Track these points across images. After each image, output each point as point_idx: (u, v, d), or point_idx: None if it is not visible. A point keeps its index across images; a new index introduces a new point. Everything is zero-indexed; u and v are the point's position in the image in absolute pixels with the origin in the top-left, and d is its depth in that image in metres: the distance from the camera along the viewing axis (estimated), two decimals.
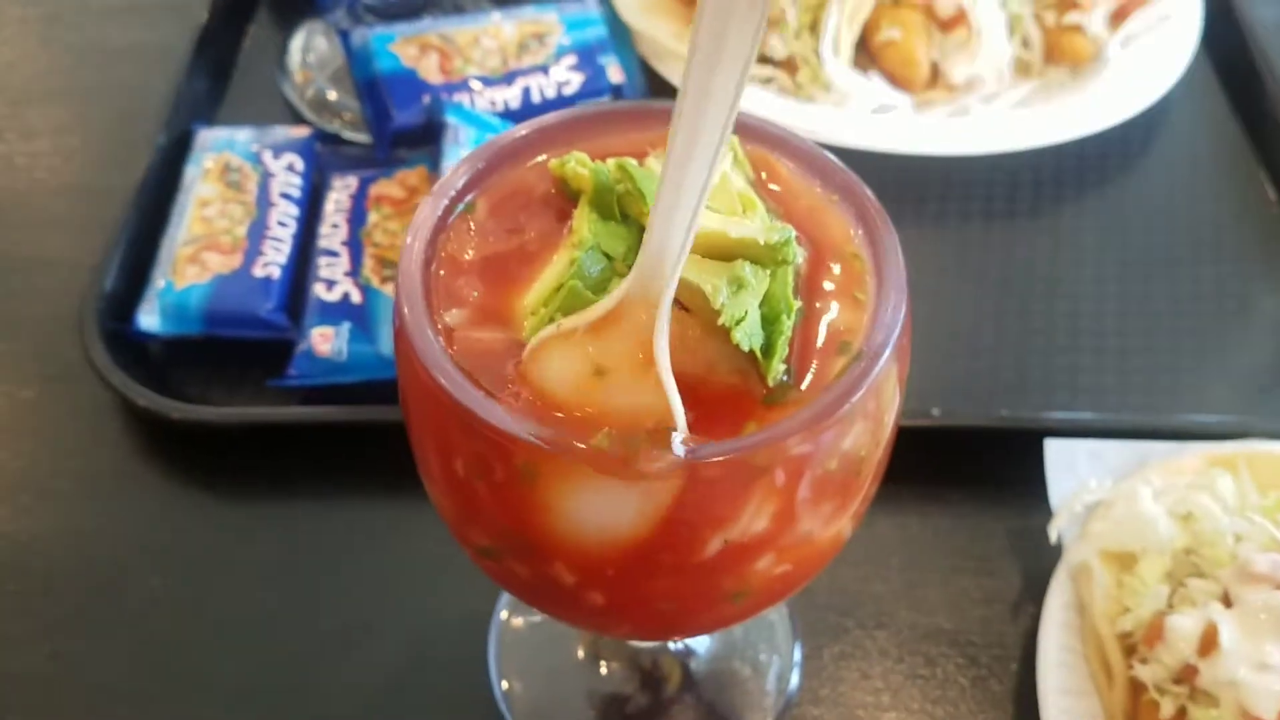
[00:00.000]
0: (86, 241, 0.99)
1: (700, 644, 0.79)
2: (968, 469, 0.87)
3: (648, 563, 0.47)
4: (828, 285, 0.51)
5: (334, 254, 0.96)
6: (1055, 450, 0.83)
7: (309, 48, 1.20)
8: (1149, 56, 1.14)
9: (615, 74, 1.09)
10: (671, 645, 0.78)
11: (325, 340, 0.90)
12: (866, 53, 1.14)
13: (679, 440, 0.44)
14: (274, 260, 0.95)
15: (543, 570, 0.49)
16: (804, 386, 0.48)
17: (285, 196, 1.00)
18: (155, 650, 0.80)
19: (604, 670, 0.79)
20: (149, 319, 0.92)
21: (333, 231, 0.98)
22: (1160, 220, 1.07)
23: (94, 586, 0.83)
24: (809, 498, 0.48)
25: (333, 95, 1.14)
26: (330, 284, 0.94)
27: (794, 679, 0.78)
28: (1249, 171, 1.10)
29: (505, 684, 0.78)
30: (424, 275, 0.51)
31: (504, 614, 0.81)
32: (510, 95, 1.06)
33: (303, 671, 0.79)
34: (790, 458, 0.46)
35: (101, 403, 0.92)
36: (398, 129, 1.03)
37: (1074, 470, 0.82)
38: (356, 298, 0.93)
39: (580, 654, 0.80)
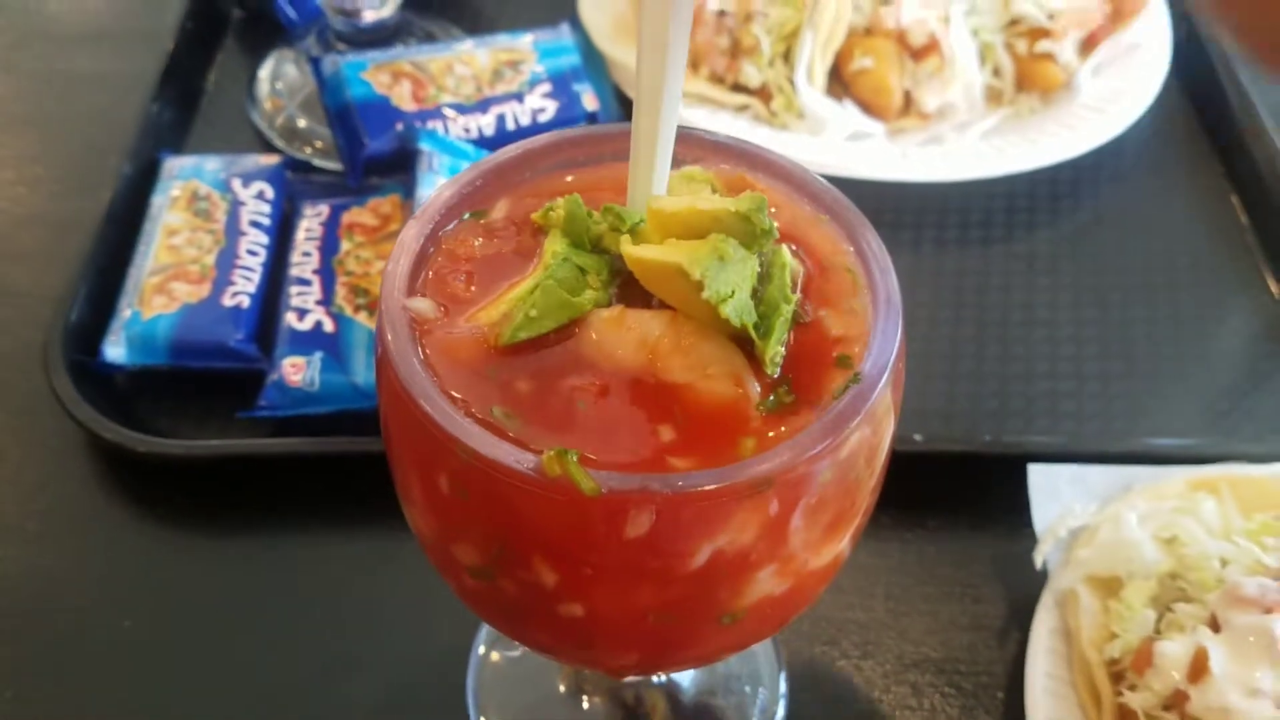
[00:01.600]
0: (51, 273, 0.97)
1: (684, 677, 0.77)
2: (950, 495, 0.86)
3: (635, 572, 0.46)
4: (824, 298, 0.51)
5: (306, 282, 0.94)
6: (1038, 475, 0.82)
7: (278, 76, 1.18)
8: (1119, 84, 1.15)
9: (590, 101, 1.08)
10: (655, 679, 0.76)
11: (297, 370, 0.88)
12: (840, 81, 1.14)
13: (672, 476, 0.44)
14: (243, 289, 0.93)
15: (530, 581, 0.48)
16: (802, 398, 0.47)
17: (255, 225, 0.98)
18: (124, 692, 0.78)
19: (585, 705, 0.77)
20: (115, 350, 0.90)
21: (304, 260, 0.96)
22: (1135, 245, 1.07)
23: (60, 627, 0.81)
24: (804, 518, 0.47)
25: (303, 123, 1.13)
26: (302, 313, 0.92)
27: (779, 712, 0.76)
28: (1221, 196, 1.11)
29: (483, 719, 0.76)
30: (407, 294, 0.50)
31: (482, 649, 0.80)
32: (485, 122, 1.05)
33: (278, 711, 0.77)
34: (788, 480, 0.45)
35: (67, 437, 0.90)
36: (370, 156, 1.02)
37: (1056, 495, 0.82)
38: (329, 327, 0.91)
39: (561, 689, 0.78)
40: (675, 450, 0.46)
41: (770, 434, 0.46)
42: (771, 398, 0.47)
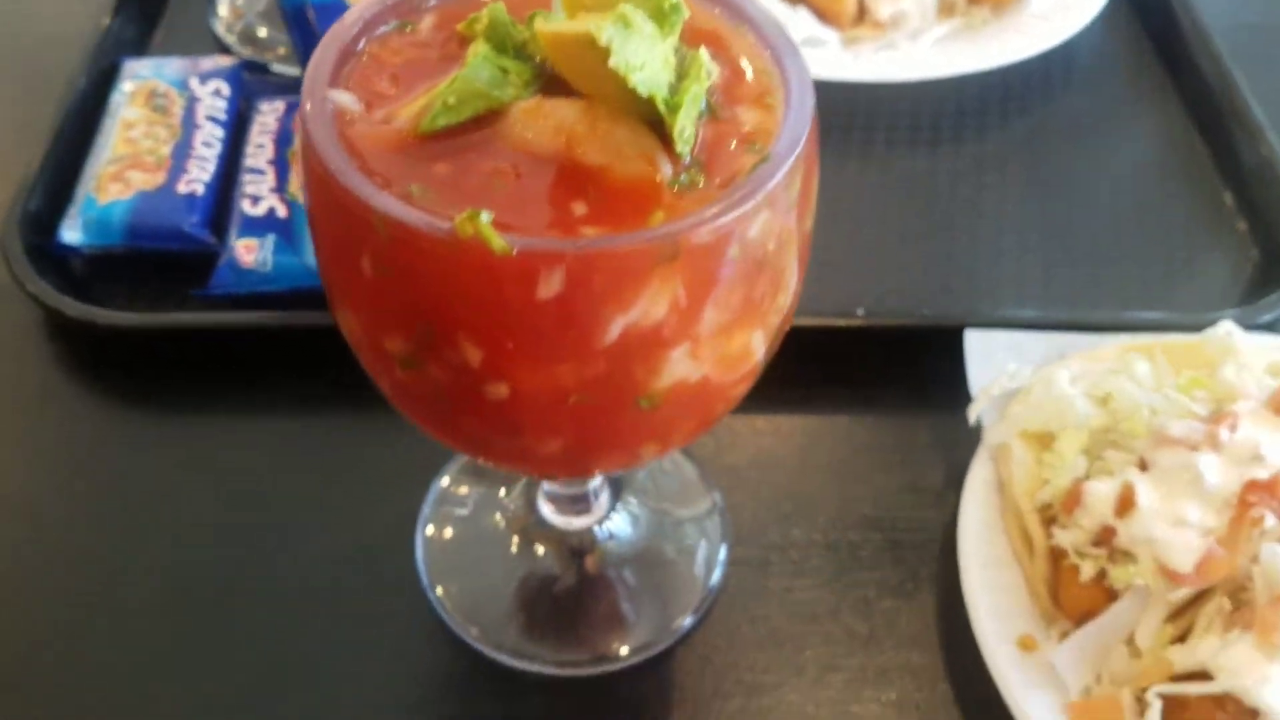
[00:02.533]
0: (9, 173, 0.97)
1: (626, 529, 0.79)
2: (893, 368, 0.88)
3: (553, 344, 0.48)
4: (740, 97, 0.53)
5: (260, 172, 0.95)
6: (974, 341, 0.84)
7: None
8: None
9: None
10: (598, 530, 0.78)
11: (249, 251, 0.90)
12: None
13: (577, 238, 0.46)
14: (198, 178, 0.94)
15: (456, 363, 0.49)
16: (713, 179, 0.48)
17: (211, 119, 0.99)
18: (84, 565, 0.78)
19: (533, 553, 0.79)
20: (71, 234, 0.91)
21: (258, 151, 0.97)
22: (1080, 146, 1.09)
23: (22, 506, 0.82)
24: (713, 298, 0.49)
25: (263, 32, 1.14)
26: (255, 199, 0.93)
27: (722, 562, 0.78)
28: (1165, 99, 1.13)
29: (439, 589, 0.77)
30: (331, 80, 0.51)
31: (430, 529, 0.80)
32: None
33: (230, 583, 0.77)
34: (694, 248, 0.47)
35: (25, 319, 0.91)
36: None
37: (992, 360, 0.83)
38: (282, 212, 0.92)
39: (513, 549, 0.79)
40: (588, 222, 0.47)
41: (681, 208, 0.48)
42: (684, 177, 0.49)
